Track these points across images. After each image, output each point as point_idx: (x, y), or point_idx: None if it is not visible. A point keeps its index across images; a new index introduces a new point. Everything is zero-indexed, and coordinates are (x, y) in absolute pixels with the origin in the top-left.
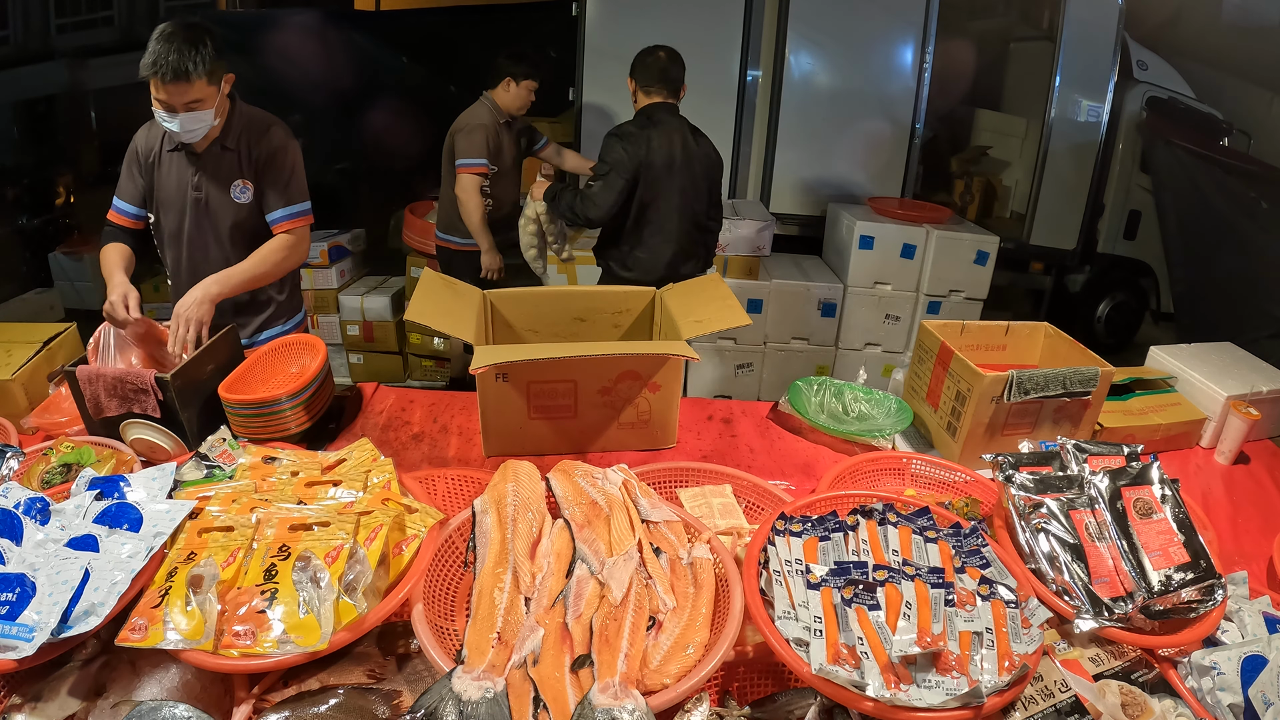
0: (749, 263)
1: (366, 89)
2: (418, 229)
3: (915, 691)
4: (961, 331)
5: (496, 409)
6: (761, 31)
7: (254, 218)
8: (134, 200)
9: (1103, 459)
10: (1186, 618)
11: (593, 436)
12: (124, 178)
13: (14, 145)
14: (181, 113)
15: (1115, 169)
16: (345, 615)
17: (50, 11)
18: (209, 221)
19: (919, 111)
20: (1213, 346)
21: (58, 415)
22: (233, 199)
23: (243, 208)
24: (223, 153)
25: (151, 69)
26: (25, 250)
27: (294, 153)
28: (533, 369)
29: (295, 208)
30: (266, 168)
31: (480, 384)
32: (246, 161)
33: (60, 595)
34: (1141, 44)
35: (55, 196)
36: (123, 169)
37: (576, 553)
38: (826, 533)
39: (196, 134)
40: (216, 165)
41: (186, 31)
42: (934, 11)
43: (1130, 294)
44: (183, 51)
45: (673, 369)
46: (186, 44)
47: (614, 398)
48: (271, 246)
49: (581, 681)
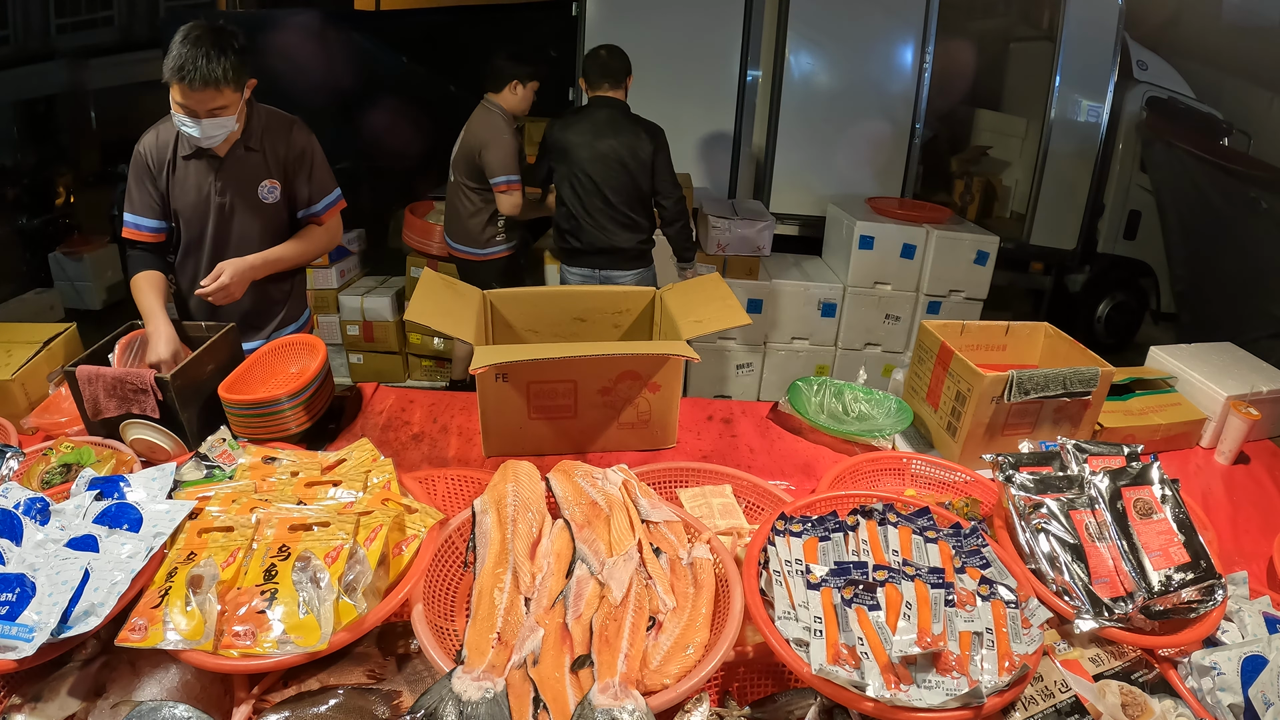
0: (749, 263)
1: (366, 89)
2: (418, 229)
3: (915, 692)
4: (961, 331)
5: (496, 409)
6: (761, 31)
7: (279, 217)
8: (152, 213)
9: (1103, 459)
10: (1186, 618)
11: (593, 437)
12: (135, 192)
13: (14, 145)
14: (204, 119)
15: (1115, 169)
16: (345, 615)
17: (50, 11)
18: (234, 226)
19: (919, 111)
20: (1213, 346)
21: (58, 415)
22: (260, 200)
23: (269, 208)
24: (247, 154)
25: (178, 74)
26: (25, 250)
27: (317, 144)
28: (532, 369)
29: (332, 196)
30: (298, 165)
31: (480, 384)
32: (273, 161)
33: (60, 595)
34: (1141, 44)
35: (55, 196)
36: (131, 183)
37: (576, 553)
38: (826, 533)
39: (217, 139)
40: (240, 167)
41: (215, 36)
42: (934, 11)
43: (1130, 294)
44: (211, 57)
45: (672, 369)
46: (215, 49)
47: (614, 398)
48: (315, 235)
49: (581, 682)
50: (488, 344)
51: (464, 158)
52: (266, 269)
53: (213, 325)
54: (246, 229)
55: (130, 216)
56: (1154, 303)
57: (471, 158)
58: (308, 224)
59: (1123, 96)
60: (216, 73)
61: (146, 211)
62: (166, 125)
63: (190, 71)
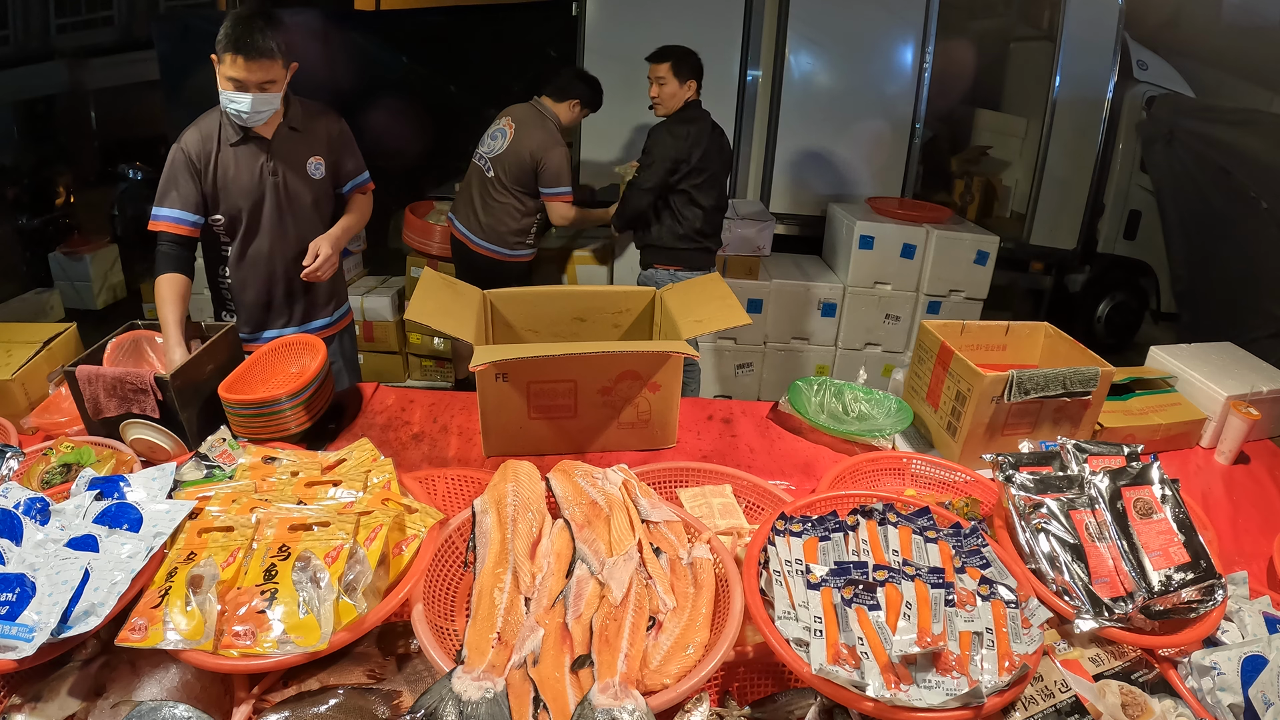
0: (749, 263)
1: (366, 89)
2: (418, 229)
3: (915, 691)
4: (961, 331)
5: (496, 409)
6: (761, 31)
7: (328, 191)
8: (193, 207)
9: (1103, 459)
10: (1186, 618)
11: (593, 436)
12: (172, 188)
13: (14, 145)
14: (254, 92)
15: (1115, 169)
16: (345, 615)
17: (50, 11)
18: (289, 202)
19: (919, 111)
20: (1213, 346)
21: (58, 415)
22: (310, 176)
23: (318, 184)
24: (291, 133)
25: (233, 46)
26: (25, 250)
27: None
28: (533, 368)
29: (365, 171)
30: (340, 142)
31: (480, 383)
32: (316, 140)
33: (60, 595)
34: (1141, 44)
35: (55, 196)
36: (167, 179)
37: (576, 553)
38: (826, 533)
39: (263, 116)
40: (290, 147)
41: (265, 15)
42: (934, 11)
43: (1130, 294)
44: (264, 31)
45: (672, 369)
46: (266, 24)
47: (614, 397)
48: (364, 204)
49: (581, 681)
50: (488, 344)
51: (515, 162)
52: (345, 238)
53: (213, 325)
54: (303, 204)
55: (167, 211)
56: (1154, 303)
57: (523, 162)
58: (352, 195)
59: (1122, 96)
60: (270, 44)
61: (188, 206)
62: (207, 119)
63: (245, 43)
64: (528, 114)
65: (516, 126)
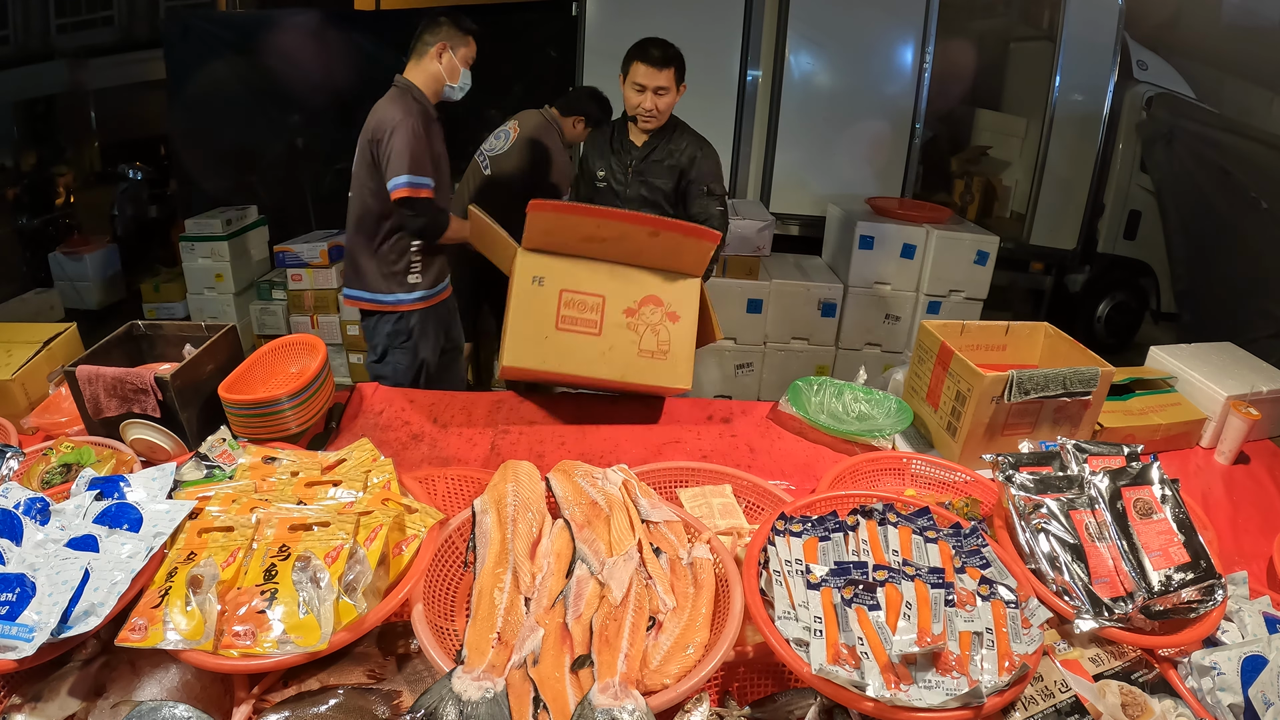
0: (749, 263)
1: (367, 89)
2: None
3: (915, 691)
4: (961, 331)
5: (525, 313)
6: (761, 31)
7: None
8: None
9: (1103, 459)
10: (1186, 618)
11: (612, 360)
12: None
13: (14, 145)
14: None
15: (1115, 169)
16: (345, 615)
17: (50, 11)
18: None
19: (919, 111)
20: (1213, 346)
21: (58, 415)
22: None
23: None
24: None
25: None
26: (25, 250)
27: None
28: (569, 273)
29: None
30: None
31: (515, 285)
32: None
33: (60, 595)
34: (1141, 44)
35: (55, 196)
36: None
37: (576, 553)
38: (826, 533)
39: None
40: None
41: None
42: (934, 11)
43: (1130, 294)
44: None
45: (690, 297)
46: None
47: (636, 320)
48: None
49: (581, 681)
50: None
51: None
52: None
53: (213, 325)
54: None
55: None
56: (1154, 303)
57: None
58: None
59: (1122, 96)
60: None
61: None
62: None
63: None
64: (536, 121)
65: (521, 130)
